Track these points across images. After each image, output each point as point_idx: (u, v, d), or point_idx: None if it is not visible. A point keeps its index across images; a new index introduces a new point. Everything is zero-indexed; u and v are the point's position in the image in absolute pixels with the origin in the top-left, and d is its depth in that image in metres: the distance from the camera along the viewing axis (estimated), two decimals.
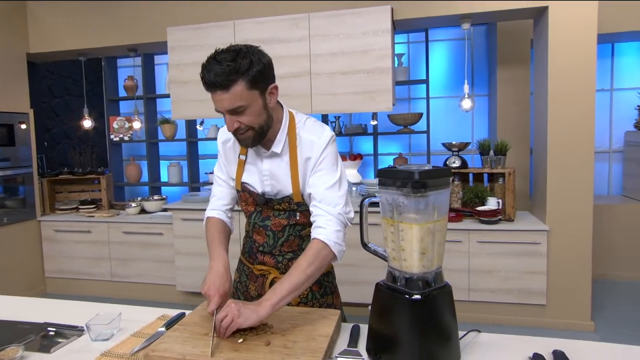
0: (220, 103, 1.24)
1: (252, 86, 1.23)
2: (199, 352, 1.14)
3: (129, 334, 1.38)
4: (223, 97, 1.22)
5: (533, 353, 1.18)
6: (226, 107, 1.24)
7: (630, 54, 4.35)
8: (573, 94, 2.97)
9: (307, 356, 1.11)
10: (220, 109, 1.26)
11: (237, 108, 1.24)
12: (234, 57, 1.21)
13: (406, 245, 1.11)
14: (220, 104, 1.24)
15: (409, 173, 1.06)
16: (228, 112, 1.26)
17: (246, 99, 1.23)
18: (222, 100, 1.23)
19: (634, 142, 4.13)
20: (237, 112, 1.25)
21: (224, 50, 1.24)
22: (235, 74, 1.20)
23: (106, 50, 4.00)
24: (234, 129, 1.28)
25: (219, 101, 1.24)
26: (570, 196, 3.05)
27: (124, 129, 4.82)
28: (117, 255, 3.86)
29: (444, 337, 1.12)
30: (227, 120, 1.28)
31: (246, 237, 1.59)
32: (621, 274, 4.00)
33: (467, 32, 4.24)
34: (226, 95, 1.22)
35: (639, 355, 1.19)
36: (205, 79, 1.23)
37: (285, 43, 3.29)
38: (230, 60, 1.20)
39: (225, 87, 1.20)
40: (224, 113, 1.28)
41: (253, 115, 1.27)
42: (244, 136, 1.31)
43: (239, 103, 1.23)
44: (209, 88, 1.24)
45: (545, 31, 3.02)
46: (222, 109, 1.26)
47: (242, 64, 1.20)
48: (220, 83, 1.20)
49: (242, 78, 1.21)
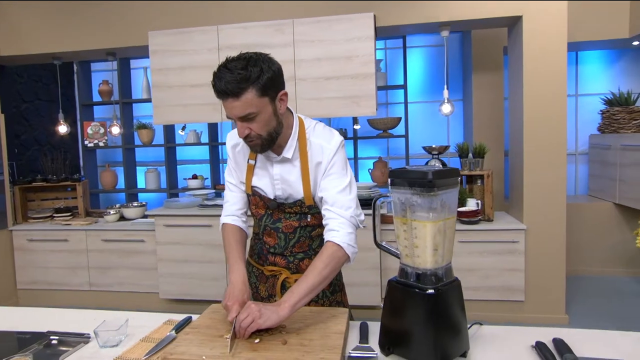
0: (232, 110, 1.27)
1: (263, 93, 1.26)
2: (217, 353, 1.15)
3: (136, 339, 1.37)
4: (234, 104, 1.25)
5: (535, 341, 1.25)
6: (237, 114, 1.27)
7: (593, 61, 4.61)
8: (546, 99, 3.14)
9: (325, 353, 1.15)
10: (232, 116, 1.29)
11: (248, 115, 1.27)
12: (245, 65, 1.24)
13: (419, 243, 1.16)
14: (232, 111, 1.27)
15: (422, 173, 1.12)
16: (239, 119, 1.28)
17: (257, 106, 1.26)
18: (233, 108, 1.26)
19: (598, 144, 4.37)
20: (248, 119, 1.28)
21: (234, 59, 1.27)
22: (246, 82, 1.22)
23: (83, 53, 3.91)
24: (244, 135, 1.31)
25: (230, 108, 1.27)
26: (545, 196, 3.21)
27: (99, 134, 4.70)
28: (96, 264, 3.76)
29: (455, 329, 1.18)
30: (238, 126, 1.31)
31: (255, 239, 1.61)
32: (589, 269, 4.22)
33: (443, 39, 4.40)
34: (237, 102, 1.24)
35: (631, 339, 1.29)
36: (216, 87, 1.25)
37: (270, 48, 3.31)
38: (241, 69, 1.23)
39: (236, 95, 1.23)
40: (234, 120, 1.31)
41: (263, 122, 1.30)
42: (254, 143, 1.34)
43: (250, 110, 1.26)
44: (220, 96, 1.27)
45: (520, 39, 3.18)
46: (233, 116, 1.29)
47: (253, 72, 1.23)
48: (231, 91, 1.23)
49: (252, 86, 1.24)
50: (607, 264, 4.19)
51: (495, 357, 1.21)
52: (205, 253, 3.48)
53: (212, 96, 3.11)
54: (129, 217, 3.90)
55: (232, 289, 1.36)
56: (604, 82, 4.56)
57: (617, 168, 4.03)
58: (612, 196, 4.13)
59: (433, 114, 4.56)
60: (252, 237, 1.63)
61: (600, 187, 4.35)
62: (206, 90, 3.49)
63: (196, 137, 4.53)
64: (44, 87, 5.10)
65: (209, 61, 3.44)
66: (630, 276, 4.14)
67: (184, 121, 3.61)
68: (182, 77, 3.48)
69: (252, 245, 1.62)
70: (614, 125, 4.18)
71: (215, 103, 3.49)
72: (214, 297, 3.50)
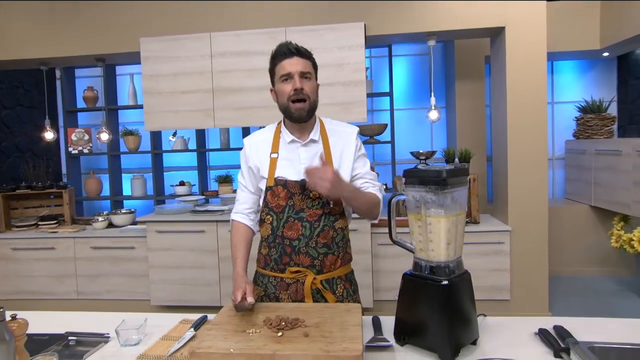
0: (295, 66, 1.51)
1: (313, 68, 1.58)
2: (243, 346, 1.19)
3: (155, 338, 1.40)
4: (300, 61, 1.52)
5: (538, 328, 1.35)
6: (300, 69, 1.52)
7: (567, 71, 4.84)
8: (528, 106, 3.30)
9: (347, 343, 1.20)
10: (293, 70, 1.51)
11: (307, 73, 1.54)
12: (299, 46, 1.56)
13: (434, 237, 1.24)
14: (295, 67, 1.51)
15: (437, 172, 1.20)
16: (300, 74, 1.51)
17: (312, 73, 1.57)
18: (297, 64, 1.52)
19: (574, 149, 4.59)
20: (305, 77, 1.53)
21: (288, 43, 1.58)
22: (308, 53, 1.57)
23: (72, 59, 3.88)
24: (300, 87, 1.51)
25: (294, 64, 1.51)
26: (528, 199, 3.36)
27: (83, 141, 4.65)
28: (85, 272, 3.70)
29: (466, 318, 1.26)
30: (297, 80, 1.51)
31: (268, 246, 1.61)
32: (567, 269, 4.40)
33: (426, 48, 4.54)
34: (302, 60, 1.53)
35: (622, 324, 1.40)
36: (287, 49, 1.52)
37: (263, 56, 3.36)
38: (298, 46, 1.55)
39: (303, 56, 1.54)
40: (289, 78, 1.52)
41: (313, 88, 1.56)
42: (301, 105, 1.53)
43: (309, 69, 1.55)
44: (287, 55, 1.52)
45: (503, 49, 3.34)
46: (295, 70, 1.51)
47: (308, 51, 1.57)
48: (300, 51, 1.54)
49: (311, 59, 1.58)
50: (584, 263, 4.39)
51: (503, 344, 1.30)
52: (197, 259, 3.49)
53: (205, 102, 3.44)
54: (117, 224, 3.87)
55: (235, 276, 1.53)
56: (577, 91, 4.80)
57: (592, 172, 4.24)
58: (587, 199, 4.33)
59: (417, 121, 4.70)
60: (261, 247, 1.65)
61: (577, 190, 4.55)
62: (199, 97, 3.53)
63: (184, 144, 4.54)
64: (25, 93, 5.01)
65: (201, 68, 3.47)
66: (606, 275, 4.34)
67: (176, 127, 3.62)
68: (174, 84, 3.50)
69: (264, 255, 1.64)
70: (588, 131, 4.40)
71: (207, 109, 3.52)
72: (207, 303, 3.51)
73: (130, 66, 4.68)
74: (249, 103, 3.46)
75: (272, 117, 3.51)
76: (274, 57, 1.56)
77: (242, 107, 3.47)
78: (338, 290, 1.59)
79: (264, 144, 1.64)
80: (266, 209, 1.60)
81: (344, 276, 1.62)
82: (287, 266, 1.58)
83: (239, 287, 1.44)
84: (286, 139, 1.61)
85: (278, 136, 1.63)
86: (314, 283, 1.56)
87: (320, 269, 1.57)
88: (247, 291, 1.42)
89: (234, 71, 3.45)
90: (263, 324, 1.33)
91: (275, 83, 1.58)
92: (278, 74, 1.55)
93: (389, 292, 3.43)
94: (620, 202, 3.83)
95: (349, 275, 1.65)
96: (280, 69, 1.54)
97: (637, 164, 3.55)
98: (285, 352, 1.16)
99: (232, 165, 4.83)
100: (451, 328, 1.21)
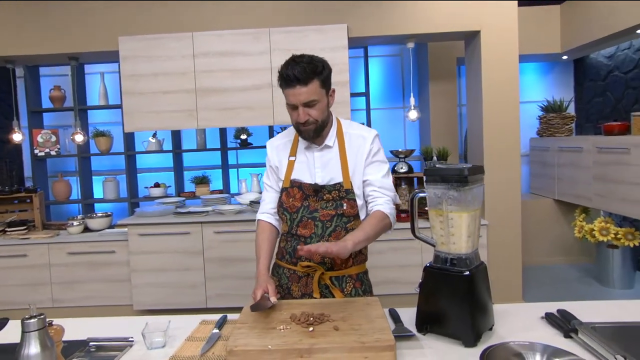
0: (297, 97, 1.48)
1: (322, 85, 1.52)
2: (279, 342, 1.22)
3: (180, 340, 1.40)
4: (301, 90, 1.47)
5: (545, 312, 1.46)
6: (302, 100, 1.48)
7: (530, 72, 5.13)
8: (502, 105, 3.48)
9: (378, 334, 1.26)
10: (296, 102, 1.49)
11: (311, 102, 1.49)
12: (310, 60, 1.49)
13: (455, 231, 1.32)
14: (297, 98, 1.48)
15: (459, 170, 1.28)
16: (303, 104, 1.49)
17: (318, 95, 1.50)
18: (299, 94, 1.47)
19: (538, 147, 4.87)
20: (309, 105, 1.50)
21: (299, 55, 1.52)
22: (312, 73, 1.47)
23: (41, 58, 3.71)
24: (305, 120, 1.51)
25: (297, 95, 1.48)
26: (503, 193, 3.54)
27: (50, 142, 4.46)
28: (60, 279, 3.56)
29: (485, 306, 1.35)
30: (301, 112, 1.50)
31: (285, 239, 1.67)
32: (535, 259, 4.67)
33: (398, 50, 4.68)
34: (304, 89, 1.47)
35: (619, 306, 1.53)
36: (287, 75, 1.47)
37: (247, 56, 3.38)
38: (308, 62, 1.48)
39: (304, 83, 1.46)
40: (295, 107, 1.51)
41: (320, 110, 1.53)
42: (308, 128, 1.54)
43: (313, 97, 1.49)
44: (289, 83, 1.48)
45: (478, 51, 3.50)
46: (297, 102, 1.49)
47: (318, 66, 1.49)
48: (301, 79, 1.46)
49: (317, 77, 1.49)
50: (550, 254, 4.67)
51: (515, 328, 1.40)
52: (182, 261, 3.44)
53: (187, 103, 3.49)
54: (94, 228, 3.75)
55: (258, 275, 1.56)
56: (539, 91, 5.09)
57: (555, 168, 4.52)
58: (551, 193, 4.61)
59: (391, 120, 4.83)
60: (281, 240, 1.71)
61: (541, 185, 4.84)
62: (181, 97, 3.48)
63: (158, 145, 4.44)
64: None
65: (183, 68, 3.43)
66: (569, 263, 4.64)
67: (157, 128, 3.55)
68: (155, 84, 3.43)
69: (281, 247, 1.70)
70: (550, 129, 4.68)
71: (190, 110, 3.47)
72: (192, 306, 3.47)
73: (101, 65, 4.53)
74: (232, 104, 3.45)
75: (256, 117, 3.54)
76: (280, 78, 1.51)
77: (225, 108, 3.45)
78: (347, 289, 1.63)
79: (284, 147, 1.70)
80: (281, 208, 1.66)
81: (355, 275, 1.66)
82: (299, 260, 1.63)
83: (260, 286, 1.47)
84: (303, 144, 1.66)
85: (297, 140, 1.68)
86: (322, 278, 1.61)
87: (331, 266, 1.62)
88: (270, 291, 1.45)
89: (217, 71, 3.43)
90: (290, 320, 1.37)
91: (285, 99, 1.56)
92: (285, 97, 1.53)
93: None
94: (581, 195, 4.11)
95: (361, 275, 1.69)
96: (285, 96, 1.52)
97: (597, 160, 3.82)
98: (321, 345, 1.21)
99: (209, 165, 4.77)
100: (473, 316, 1.29)
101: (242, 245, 3.40)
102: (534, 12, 4.36)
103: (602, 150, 3.74)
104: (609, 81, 4.58)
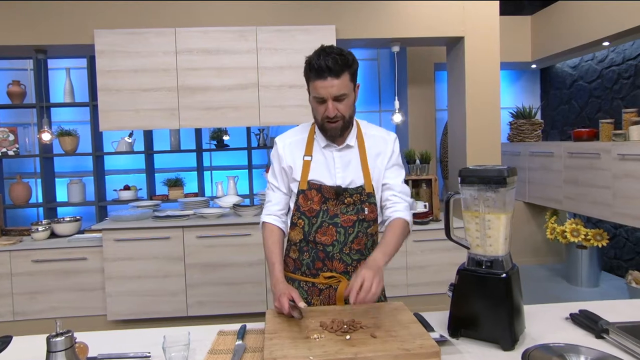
0: (329, 89, 1.38)
1: (352, 78, 1.44)
2: (320, 352, 1.16)
3: (201, 353, 1.30)
4: (333, 83, 1.37)
5: (569, 313, 1.47)
6: (334, 93, 1.39)
7: (502, 79, 5.30)
8: (484, 109, 3.56)
9: (419, 340, 1.21)
10: (326, 95, 1.39)
11: (341, 95, 1.41)
12: (341, 52, 1.39)
13: (493, 233, 1.30)
14: (328, 90, 1.38)
15: (498, 171, 1.27)
16: (334, 98, 1.40)
17: (348, 88, 1.42)
18: (331, 87, 1.38)
19: (509, 151, 5.03)
20: (339, 100, 1.41)
21: (329, 46, 1.43)
22: (344, 65, 1.39)
23: (4, 49, 3.42)
24: (334, 114, 1.42)
25: (328, 87, 1.38)
26: None
27: (8, 141, 4.13)
28: (23, 290, 3.28)
29: (519, 309, 1.34)
30: (330, 106, 1.41)
31: (299, 251, 1.57)
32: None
33: (375, 54, 4.70)
34: (336, 81, 1.38)
35: (630, 306, 1.57)
36: (318, 66, 1.37)
37: (233, 54, 3.26)
38: (338, 54, 1.38)
39: (337, 75, 1.37)
40: (323, 101, 1.41)
41: (349, 105, 1.45)
42: (336, 125, 1.45)
43: (344, 91, 1.41)
44: (320, 74, 1.37)
45: (461, 57, 3.57)
46: (328, 95, 1.39)
47: (349, 58, 1.40)
48: (333, 70, 1.36)
49: (348, 70, 1.40)
50: (520, 254, 4.83)
51: (544, 330, 1.40)
52: (161, 267, 3.26)
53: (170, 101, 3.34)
54: (61, 233, 3.48)
55: (276, 282, 1.46)
56: (509, 98, 5.28)
57: (526, 171, 4.68)
58: (522, 195, 4.78)
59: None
60: (290, 251, 1.61)
61: None
62: (163, 95, 3.31)
63: (129, 145, 4.22)
64: None
65: (165, 64, 3.26)
66: (539, 264, 4.82)
67: (136, 127, 3.35)
68: (134, 80, 3.25)
69: (294, 259, 1.59)
70: (520, 135, 4.85)
71: (171, 109, 3.31)
72: (172, 314, 3.29)
73: (66, 60, 4.25)
74: (217, 103, 3.32)
75: (242, 118, 3.43)
76: (308, 70, 1.42)
77: (210, 107, 3.32)
78: None
79: (298, 145, 1.58)
80: (298, 212, 1.55)
81: None
82: (319, 271, 1.55)
83: (282, 294, 1.37)
84: (320, 143, 1.56)
85: (312, 138, 1.57)
86: None
87: None
88: (295, 297, 1.36)
89: (201, 69, 3.29)
90: (322, 328, 1.30)
91: (310, 94, 1.48)
92: (311, 90, 1.44)
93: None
94: (552, 198, 4.28)
95: None
96: (313, 89, 1.42)
97: (569, 164, 4.00)
98: (365, 354, 1.15)
99: (182, 167, 4.59)
100: (510, 318, 1.28)
101: (225, 251, 3.27)
102: (507, 21, 4.52)
103: (573, 155, 3.91)
104: (573, 90, 4.81)
